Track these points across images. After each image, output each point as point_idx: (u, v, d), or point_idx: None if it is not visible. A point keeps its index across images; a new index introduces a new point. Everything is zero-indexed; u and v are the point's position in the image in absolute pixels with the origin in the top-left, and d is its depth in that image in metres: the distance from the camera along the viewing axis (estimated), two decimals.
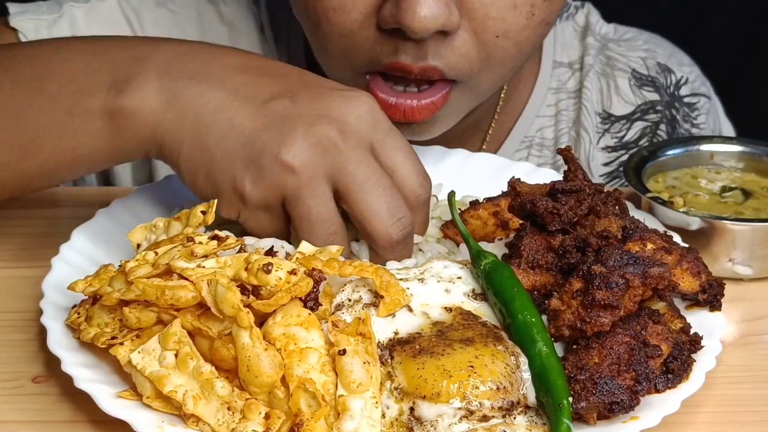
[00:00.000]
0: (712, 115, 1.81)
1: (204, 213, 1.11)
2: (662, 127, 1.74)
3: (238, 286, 0.99)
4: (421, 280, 1.09)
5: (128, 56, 1.17)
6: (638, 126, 1.73)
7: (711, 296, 1.12)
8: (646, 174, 1.36)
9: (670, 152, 1.41)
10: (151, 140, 1.15)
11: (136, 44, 1.20)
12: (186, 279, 1.00)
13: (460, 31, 1.27)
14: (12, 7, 1.60)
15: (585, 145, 1.70)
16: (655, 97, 1.74)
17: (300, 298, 1.01)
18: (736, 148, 1.41)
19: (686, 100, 1.77)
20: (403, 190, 1.15)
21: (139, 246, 1.13)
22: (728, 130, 1.87)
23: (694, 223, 1.26)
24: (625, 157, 1.72)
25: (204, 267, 1.02)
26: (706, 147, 1.42)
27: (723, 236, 1.25)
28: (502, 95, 1.64)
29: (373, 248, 1.15)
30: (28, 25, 1.56)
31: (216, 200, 1.13)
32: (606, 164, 1.73)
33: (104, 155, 1.18)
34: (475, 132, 1.65)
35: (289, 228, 1.15)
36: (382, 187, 1.12)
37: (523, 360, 1.00)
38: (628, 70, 1.74)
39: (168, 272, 1.02)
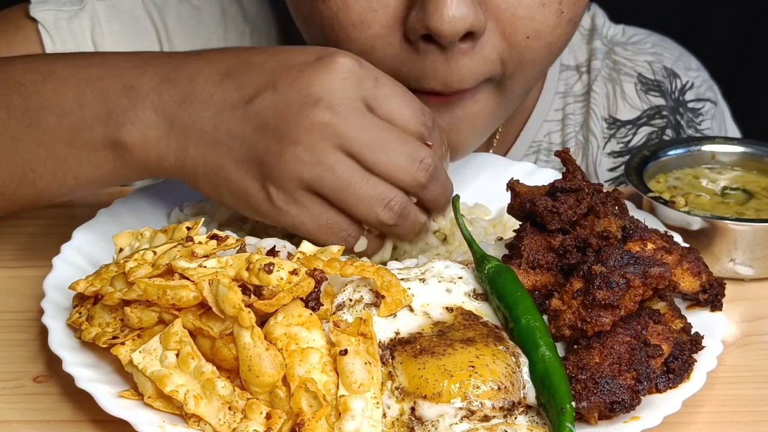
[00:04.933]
0: (717, 120, 1.78)
1: (189, 229, 1.11)
2: (668, 132, 1.71)
3: (239, 286, 0.98)
4: (423, 280, 1.09)
5: (119, 86, 1.16)
6: (644, 131, 1.71)
7: (712, 296, 1.12)
8: (647, 174, 1.36)
9: (672, 152, 1.41)
10: (158, 168, 1.17)
11: (124, 69, 1.19)
12: (187, 279, 1.00)
13: (490, 34, 1.24)
14: None
15: (593, 150, 1.69)
16: (660, 101, 1.72)
17: (301, 298, 1.01)
18: (738, 148, 1.41)
19: (690, 105, 1.74)
20: (409, 133, 1.15)
21: (121, 250, 1.14)
22: (734, 134, 1.84)
23: (696, 223, 1.26)
24: None
25: (205, 267, 1.02)
26: (707, 147, 1.41)
27: (724, 236, 1.25)
28: None
29: (414, 199, 1.15)
30: (48, 16, 1.53)
31: (202, 218, 1.16)
32: (611, 169, 1.70)
33: (108, 182, 1.20)
34: None
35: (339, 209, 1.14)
36: (392, 140, 1.13)
37: (524, 360, 1.00)
38: (634, 75, 1.72)
39: (169, 272, 1.02)
